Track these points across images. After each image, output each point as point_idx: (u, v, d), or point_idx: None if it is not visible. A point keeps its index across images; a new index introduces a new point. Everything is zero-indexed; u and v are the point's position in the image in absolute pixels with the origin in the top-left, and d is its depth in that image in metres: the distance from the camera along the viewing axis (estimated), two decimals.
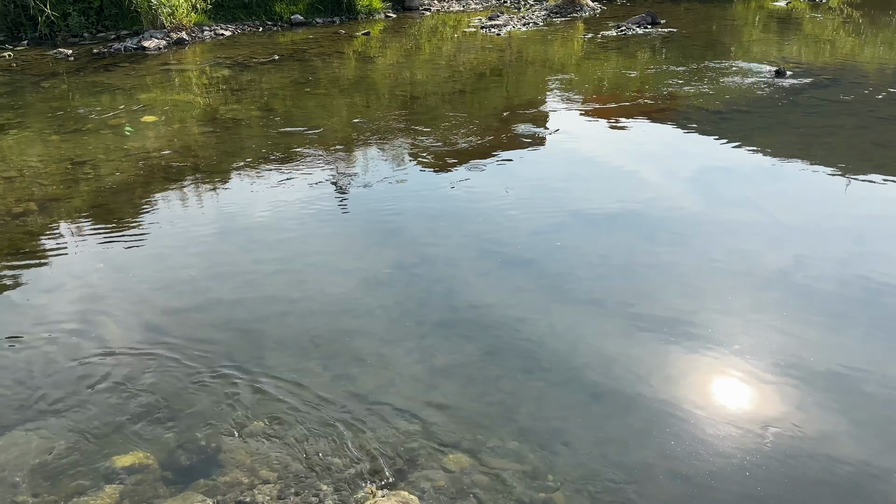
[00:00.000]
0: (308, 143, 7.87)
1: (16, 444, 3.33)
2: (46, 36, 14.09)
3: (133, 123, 8.62)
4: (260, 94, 10.23)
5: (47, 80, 10.94)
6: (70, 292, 4.73)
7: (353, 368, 3.91)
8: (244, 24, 15.72)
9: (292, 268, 5.11)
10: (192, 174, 6.96)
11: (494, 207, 6.08)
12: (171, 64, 12.44)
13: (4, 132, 8.22)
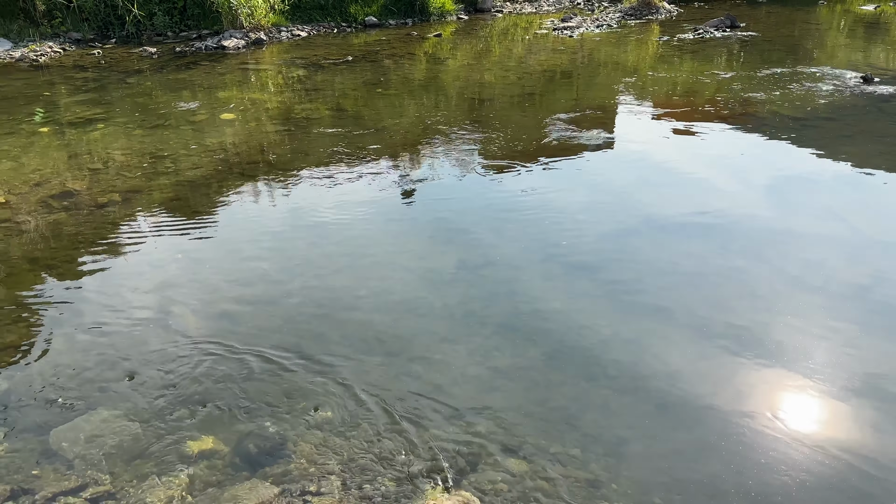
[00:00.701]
0: (377, 143, 7.98)
1: (97, 424, 3.49)
2: (133, 34, 14.74)
3: (212, 120, 8.92)
4: (332, 94, 10.44)
5: (132, 77, 11.44)
6: (150, 280, 4.94)
7: (415, 366, 3.95)
8: (320, 25, 16.06)
9: (359, 264, 5.20)
10: (266, 171, 7.16)
11: (562, 210, 6.03)
12: (249, 63, 12.82)
13: (92, 126, 8.65)
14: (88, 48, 13.86)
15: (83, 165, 7.20)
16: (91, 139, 8.13)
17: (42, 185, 6.60)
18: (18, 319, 4.45)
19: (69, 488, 3.11)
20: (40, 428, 3.49)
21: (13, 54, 13.08)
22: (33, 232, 5.66)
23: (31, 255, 5.28)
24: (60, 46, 13.73)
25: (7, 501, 3.04)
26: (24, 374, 3.90)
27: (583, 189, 6.58)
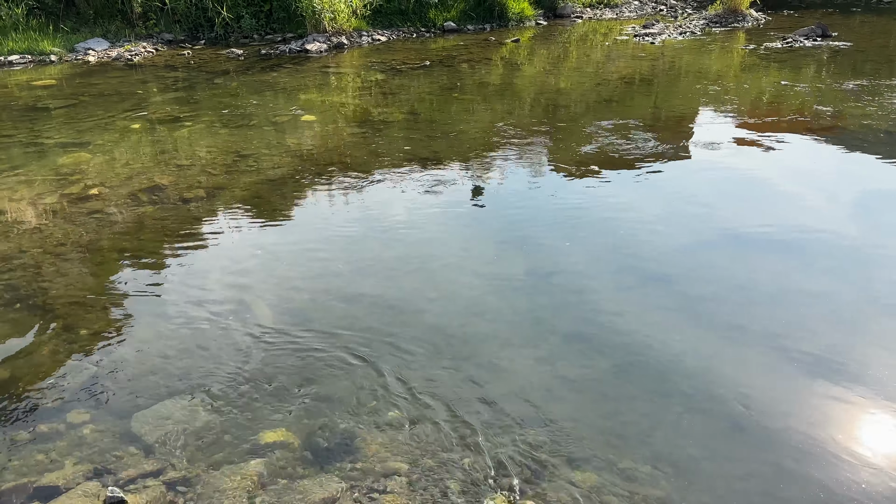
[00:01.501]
0: (450, 147, 8.03)
1: (176, 411, 3.64)
2: (221, 36, 15.31)
3: (292, 121, 9.17)
4: (408, 98, 10.56)
5: (219, 78, 11.88)
6: (230, 274, 5.11)
7: (483, 371, 3.94)
8: (399, 30, 16.29)
9: (430, 267, 5.23)
10: (342, 172, 7.30)
11: (637, 220, 5.92)
12: (330, 67, 13.12)
13: (181, 124, 9.02)
14: (179, 49, 14.48)
15: (171, 161, 7.52)
16: (179, 136, 8.49)
17: (132, 179, 6.93)
18: (106, 307, 4.68)
19: (148, 471, 3.24)
20: (123, 411, 3.65)
21: (110, 53, 13.79)
22: (123, 223, 5.94)
23: (120, 246, 5.54)
24: (153, 47, 14.39)
25: (90, 480, 3.20)
26: (110, 360, 4.09)
27: (660, 199, 6.43)
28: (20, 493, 3.12)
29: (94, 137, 8.34)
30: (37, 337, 4.30)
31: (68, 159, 7.51)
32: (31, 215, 6.07)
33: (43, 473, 3.23)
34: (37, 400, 3.75)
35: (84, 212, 6.14)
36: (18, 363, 4.05)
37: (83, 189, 6.64)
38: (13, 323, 4.45)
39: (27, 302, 4.69)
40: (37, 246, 5.48)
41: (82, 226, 5.87)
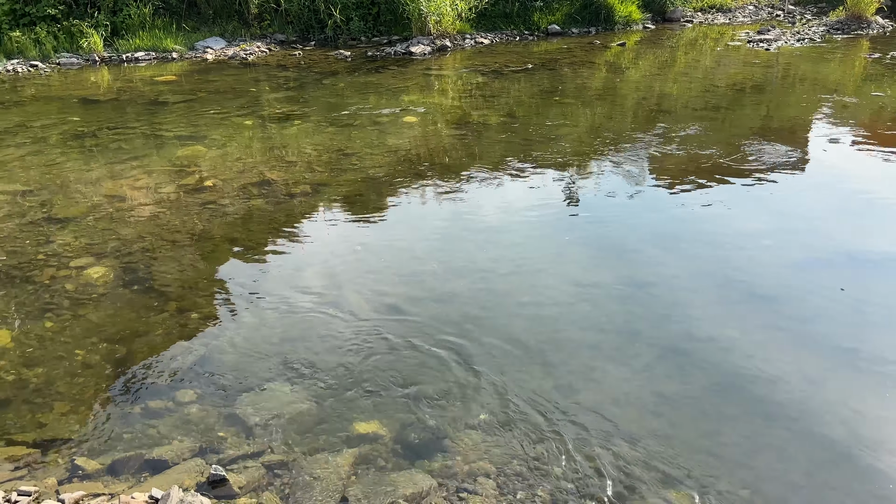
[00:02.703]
0: (548, 151, 7.96)
1: (276, 396, 3.79)
2: (330, 38, 15.80)
3: (394, 122, 9.36)
4: (508, 101, 10.55)
5: (328, 78, 12.27)
6: (331, 268, 5.27)
7: (577, 380, 3.89)
8: (503, 33, 16.30)
9: (524, 271, 5.21)
10: (441, 173, 7.38)
11: (743, 234, 5.68)
12: (433, 69, 13.29)
13: (290, 122, 9.38)
14: (290, 49, 15.06)
15: (279, 157, 7.83)
16: (288, 134, 8.83)
17: (244, 173, 7.27)
18: (216, 293, 4.93)
19: (248, 452, 3.39)
20: (228, 393, 3.83)
21: (227, 52, 14.51)
22: (233, 215, 6.24)
23: (230, 236, 5.82)
24: (267, 46, 15.03)
25: (195, 457, 3.38)
26: (218, 343, 4.31)
27: (768, 212, 6.14)
28: (133, 463, 3.33)
29: (209, 132, 8.80)
30: (152, 318, 4.58)
31: (185, 152, 7.96)
32: (150, 203, 6.47)
33: (153, 447, 3.43)
34: (149, 377, 3.99)
35: (198, 202, 6.49)
36: (135, 342, 4.33)
37: (198, 181, 7.02)
38: (131, 304, 4.75)
39: (144, 284, 5.01)
40: (154, 232, 5.84)
41: (196, 215, 6.20)
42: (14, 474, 3.26)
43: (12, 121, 9.49)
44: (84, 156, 7.88)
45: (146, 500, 2.88)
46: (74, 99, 10.91)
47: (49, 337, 4.36)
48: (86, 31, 13.96)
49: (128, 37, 14.50)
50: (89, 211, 6.26)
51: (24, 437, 3.53)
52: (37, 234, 5.80)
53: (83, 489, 3.11)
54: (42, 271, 5.16)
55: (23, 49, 13.71)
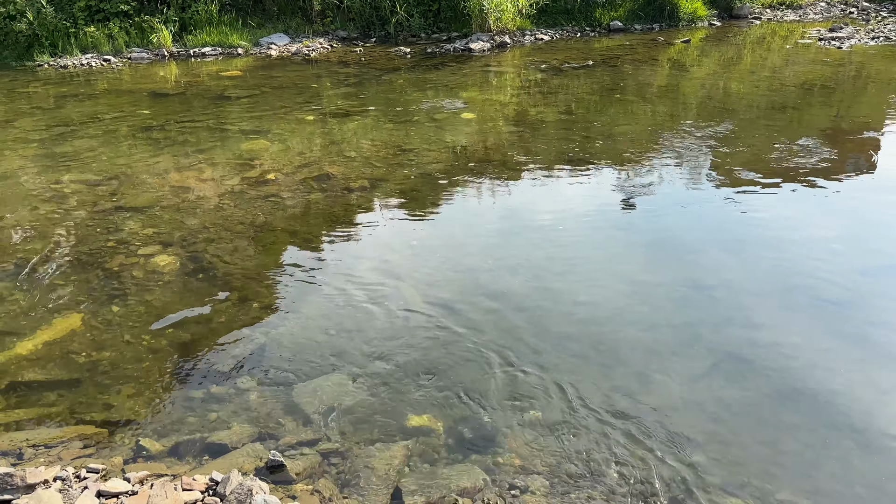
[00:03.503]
0: (606, 149, 7.85)
1: (332, 386, 3.85)
2: (391, 35, 15.93)
3: (452, 118, 9.38)
4: (567, 98, 10.45)
5: (387, 75, 12.38)
6: (388, 262, 5.32)
7: (633, 382, 3.83)
8: (563, 29, 16.15)
9: (581, 269, 5.16)
10: (497, 170, 7.36)
11: (811, 237, 5.49)
12: (492, 65, 13.26)
13: (350, 118, 9.50)
14: (352, 45, 15.24)
15: (339, 152, 7.95)
16: (347, 129, 8.95)
17: (304, 167, 7.40)
18: (276, 283, 5.04)
19: (305, 440, 3.46)
20: (286, 381, 3.92)
21: (290, 48, 14.78)
22: (294, 207, 6.36)
23: (291, 228, 5.94)
24: (329, 43, 15.26)
25: (254, 442, 3.46)
26: (278, 333, 4.40)
27: (837, 216, 5.92)
28: (195, 446, 3.44)
29: (272, 126, 8.99)
30: (215, 306, 4.72)
31: (249, 145, 8.15)
32: (214, 195, 6.65)
33: (214, 431, 3.54)
34: (211, 363, 4.11)
35: (261, 195, 6.64)
36: (198, 328, 4.46)
37: (261, 174, 7.19)
38: (196, 291, 4.90)
39: (208, 273, 5.16)
40: (218, 223, 6.00)
41: (258, 207, 6.35)
42: (83, 452, 3.41)
43: (86, 113, 9.89)
44: (152, 148, 8.16)
45: (207, 483, 2.97)
46: (144, 92, 11.30)
47: (117, 321, 4.54)
48: (156, 27, 14.43)
49: (195, 32, 14.92)
50: (157, 201, 6.48)
51: (92, 417, 3.68)
52: (107, 222, 6.03)
53: (147, 469, 3.23)
54: (112, 258, 5.37)
55: (97, 44, 14.26)
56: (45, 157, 7.87)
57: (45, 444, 3.44)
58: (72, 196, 6.66)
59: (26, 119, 9.66)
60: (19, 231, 5.89)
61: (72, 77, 12.77)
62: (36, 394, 3.85)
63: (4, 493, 2.68)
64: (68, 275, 5.13)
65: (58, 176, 7.20)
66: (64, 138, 8.59)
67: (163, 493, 2.70)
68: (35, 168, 7.49)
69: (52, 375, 4.00)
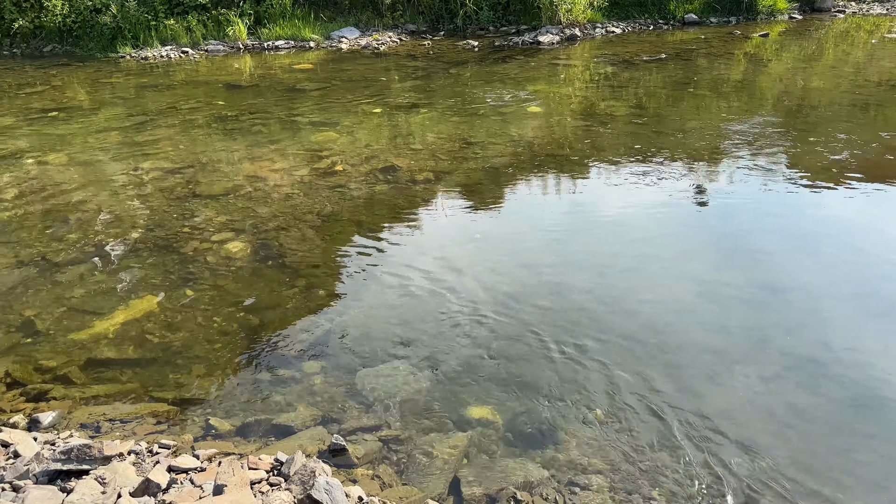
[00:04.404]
0: (676, 145, 7.66)
1: (394, 374, 3.90)
2: (459, 28, 15.94)
3: (518, 112, 9.33)
4: (638, 92, 10.24)
5: (454, 68, 12.40)
6: (451, 254, 5.35)
7: (700, 384, 3.74)
8: (636, 21, 15.82)
9: (647, 268, 5.06)
10: (563, 164, 7.29)
11: (890, 241, 5.23)
12: (560, 59, 13.11)
13: (416, 110, 9.57)
14: (420, 39, 15.33)
15: (405, 145, 8.02)
16: (414, 122, 9.01)
17: (371, 159, 7.49)
18: (342, 272, 5.13)
19: (366, 425, 3.52)
20: (349, 368, 3.99)
21: (360, 42, 14.98)
22: (360, 198, 6.46)
23: (356, 219, 6.03)
24: (398, 36, 15.38)
25: (318, 425, 3.54)
26: (342, 320, 4.49)
27: None
28: (261, 426, 3.55)
29: (341, 118, 9.13)
30: (283, 292, 4.84)
31: (319, 137, 8.31)
32: (285, 184, 6.81)
33: (279, 413, 3.63)
34: (279, 347, 4.22)
35: (329, 185, 6.76)
36: (267, 313, 4.59)
37: (329, 165, 7.32)
38: (265, 278, 5.04)
39: (277, 260, 5.29)
40: (288, 212, 6.15)
41: (326, 198, 6.47)
42: (156, 428, 3.56)
43: (165, 103, 10.27)
44: (227, 138, 8.41)
45: (272, 463, 3.06)
46: (219, 84, 11.65)
47: (190, 304, 4.71)
48: (232, 20, 14.85)
49: (269, 26, 15.29)
50: (230, 189, 6.68)
51: (164, 395, 3.83)
52: (182, 208, 6.26)
53: (215, 447, 3.34)
54: (186, 243, 5.57)
55: (175, 36, 14.79)
56: (126, 144, 8.22)
57: (121, 419, 3.61)
58: (150, 183, 6.93)
59: (109, 108, 10.11)
60: (101, 215, 6.17)
61: (152, 68, 13.28)
62: (113, 371, 4.04)
63: (83, 464, 2.82)
64: (145, 258, 5.35)
65: (137, 163, 7.51)
66: (144, 127, 8.95)
67: (230, 471, 2.80)
68: (116, 155, 7.83)
69: (129, 354, 4.19)
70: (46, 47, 14.98)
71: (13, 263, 5.29)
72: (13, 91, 11.49)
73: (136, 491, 2.75)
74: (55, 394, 3.81)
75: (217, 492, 2.69)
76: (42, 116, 9.74)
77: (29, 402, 3.75)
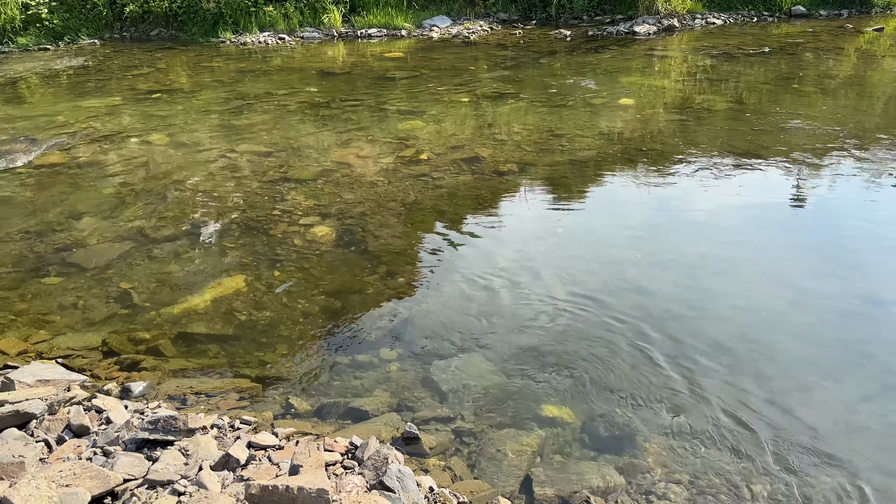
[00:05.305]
0: (776, 143, 7.27)
1: (472, 366, 3.88)
2: (552, 17, 15.70)
3: (609, 104, 9.09)
4: (737, 87, 9.79)
5: (545, 58, 12.21)
6: (530, 248, 5.28)
7: (791, 398, 3.54)
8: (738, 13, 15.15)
9: (740, 272, 4.84)
10: (653, 160, 7.06)
11: None
12: (657, 50, 12.70)
13: (504, 101, 9.48)
14: (511, 28, 15.19)
15: (491, 135, 7.96)
16: (500, 112, 8.94)
17: (456, 149, 7.48)
18: (422, 261, 5.15)
19: (440, 416, 3.51)
20: (425, 357, 4.00)
21: (451, 30, 14.98)
22: (443, 188, 6.46)
23: (439, 208, 6.04)
24: (489, 25, 15.29)
25: (392, 412, 3.57)
26: (420, 309, 4.50)
27: None
28: (338, 408, 3.61)
29: (428, 108, 9.17)
30: (364, 278, 4.90)
31: (406, 125, 8.37)
32: (370, 171, 6.90)
33: (356, 397, 3.68)
34: (358, 332, 4.28)
35: (413, 174, 6.80)
36: (349, 298, 4.66)
37: (415, 154, 7.36)
38: (348, 263, 5.12)
39: (360, 246, 5.36)
40: (372, 199, 6.22)
41: (410, 186, 6.51)
42: (238, 403, 3.68)
43: (261, 88, 10.59)
44: (318, 124, 8.59)
45: (346, 446, 3.10)
46: (313, 71, 11.92)
47: (276, 285, 4.84)
48: (327, 8, 15.15)
49: (363, 14, 15.51)
50: (319, 175, 6.82)
51: (248, 372, 3.95)
52: (273, 191, 6.44)
53: (293, 426, 3.42)
54: (276, 226, 5.73)
55: (273, 23, 15.22)
56: (223, 127, 8.53)
57: (206, 392, 3.75)
58: (244, 166, 7.17)
59: (208, 91, 10.52)
60: (198, 194, 6.43)
61: (250, 53, 13.72)
62: (201, 345, 4.20)
63: (168, 435, 2.94)
64: (237, 238, 5.54)
65: (233, 146, 7.77)
66: (240, 111, 9.26)
67: (306, 452, 2.85)
68: (214, 137, 8.13)
69: (217, 330, 4.35)
70: (153, 31, 15.73)
71: (114, 237, 5.58)
72: (121, 72, 12.13)
73: (216, 465, 2.84)
74: (146, 364, 4.00)
75: (293, 472, 2.75)
76: (146, 97, 10.23)
77: (122, 370, 3.95)
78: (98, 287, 4.86)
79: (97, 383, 3.81)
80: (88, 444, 2.96)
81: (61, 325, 4.41)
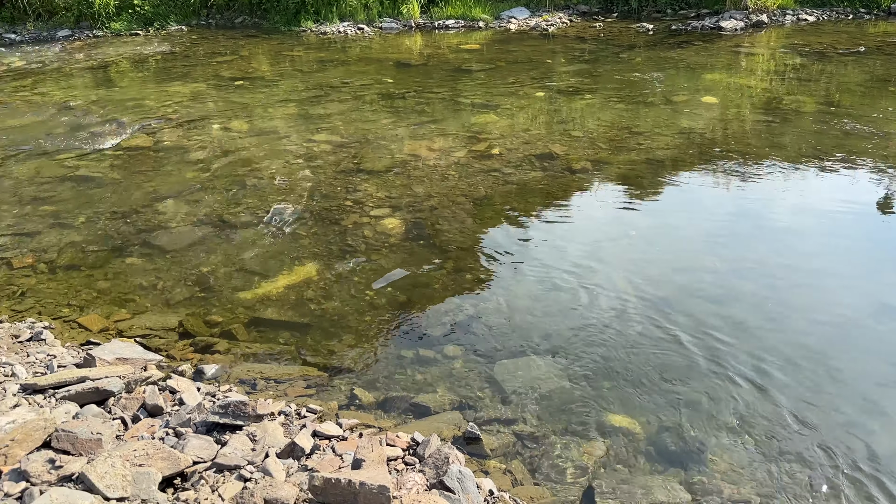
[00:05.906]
0: (871, 146, 6.88)
1: (533, 368, 3.84)
2: (634, 10, 15.31)
3: (691, 102, 8.81)
4: (829, 87, 9.32)
5: (625, 52, 11.93)
6: (601, 249, 5.17)
7: (872, 421, 3.36)
8: (832, 9, 14.41)
9: (823, 284, 4.62)
10: (736, 161, 6.79)
11: None
12: (743, 46, 12.23)
13: (580, 95, 9.32)
14: (591, 20, 14.90)
15: (565, 131, 7.84)
16: (576, 108, 8.78)
17: (529, 144, 7.40)
18: (490, 257, 5.12)
19: (502, 418, 3.49)
20: (489, 356, 3.98)
21: (529, 22, 14.82)
22: (514, 184, 6.40)
23: (509, 204, 5.99)
24: (568, 17, 15.05)
25: (455, 410, 3.56)
26: (485, 306, 4.48)
27: None
28: (401, 403, 3.63)
29: (502, 101, 9.10)
30: (432, 272, 4.91)
31: (479, 119, 8.33)
32: (442, 165, 6.90)
33: (419, 392, 3.70)
34: (423, 326, 4.30)
35: (484, 169, 6.76)
36: (415, 291, 4.68)
37: (486, 148, 7.32)
38: (416, 256, 5.14)
39: (429, 240, 5.38)
40: (442, 192, 6.22)
41: (480, 181, 6.48)
42: (305, 391, 3.74)
43: (338, 78, 10.74)
44: (393, 115, 8.66)
45: (408, 442, 3.12)
46: (390, 62, 12.00)
47: (346, 275, 4.90)
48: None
49: (441, 5, 15.51)
50: (391, 166, 6.87)
51: (316, 360, 4.02)
52: (347, 182, 6.53)
53: (357, 418, 3.46)
54: (347, 216, 5.80)
55: (353, 13, 15.40)
56: (302, 117, 8.70)
57: (276, 378, 3.84)
58: (320, 156, 7.29)
59: (288, 80, 10.74)
60: (275, 182, 6.58)
61: (329, 43, 13.93)
62: (272, 331, 4.30)
63: (237, 420, 3.02)
64: (310, 227, 5.64)
65: (310, 136, 7.92)
66: (318, 101, 9.42)
67: (369, 446, 2.88)
68: (292, 126, 8.30)
69: (287, 317, 4.44)
70: (238, 19, 16.17)
71: (194, 221, 5.77)
72: (206, 59, 12.52)
73: (282, 452, 2.91)
74: (219, 347, 4.12)
75: (356, 465, 2.78)
76: (229, 84, 10.53)
77: (196, 352, 4.09)
78: (177, 269, 5.04)
79: (172, 364, 3.96)
80: (161, 424, 3.07)
81: (141, 304, 4.60)
